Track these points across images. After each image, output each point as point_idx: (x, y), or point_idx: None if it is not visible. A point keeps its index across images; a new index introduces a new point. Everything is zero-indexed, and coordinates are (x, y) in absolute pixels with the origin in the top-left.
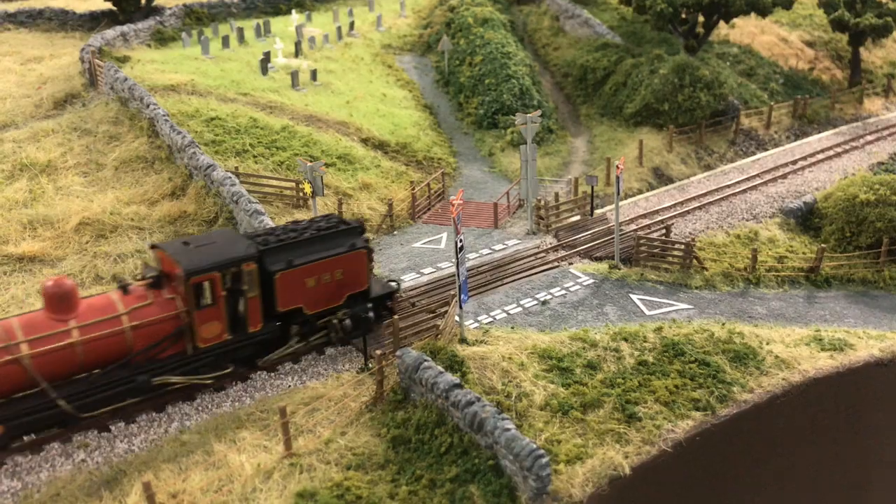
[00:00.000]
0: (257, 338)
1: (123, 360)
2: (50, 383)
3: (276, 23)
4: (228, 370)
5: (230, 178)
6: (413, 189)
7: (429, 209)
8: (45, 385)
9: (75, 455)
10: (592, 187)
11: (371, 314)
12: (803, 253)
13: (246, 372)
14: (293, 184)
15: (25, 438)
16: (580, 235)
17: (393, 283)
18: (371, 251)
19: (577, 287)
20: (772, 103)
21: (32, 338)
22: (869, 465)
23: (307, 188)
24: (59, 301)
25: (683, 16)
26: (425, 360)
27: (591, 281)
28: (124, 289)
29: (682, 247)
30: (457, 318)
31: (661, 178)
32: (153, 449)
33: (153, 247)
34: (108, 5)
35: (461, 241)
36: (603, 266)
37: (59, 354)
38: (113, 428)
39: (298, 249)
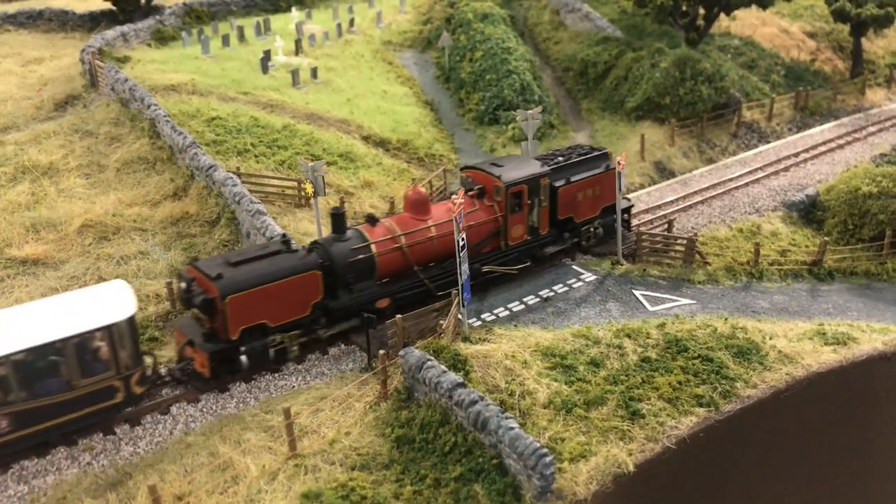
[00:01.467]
0: (544, 240)
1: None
2: (418, 267)
3: (277, 20)
4: (527, 263)
5: (232, 178)
6: (415, 186)
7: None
8: (417, 268)
9: (81, 458)
10: None
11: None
12: (806, 246)
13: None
14: (295, 183)
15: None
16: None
17: (628, 199)
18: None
19: (580, 283)
20: (773, 95)
21: (406, 232)
22: (874, 458)
23: (309, 188)
24: (419, 206)
25: (684, 8)
26: (428, 360)
27: (594, 277)
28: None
29: (685, 241)
30: (460, 316)
31: (663, 172)
32: (158, 451)
33: (467, 167)
34: (108, 5)
35: (463, 239)
36: (605, 262)
37: (423, 246)
38: (118, 431)
39: (571, 170)
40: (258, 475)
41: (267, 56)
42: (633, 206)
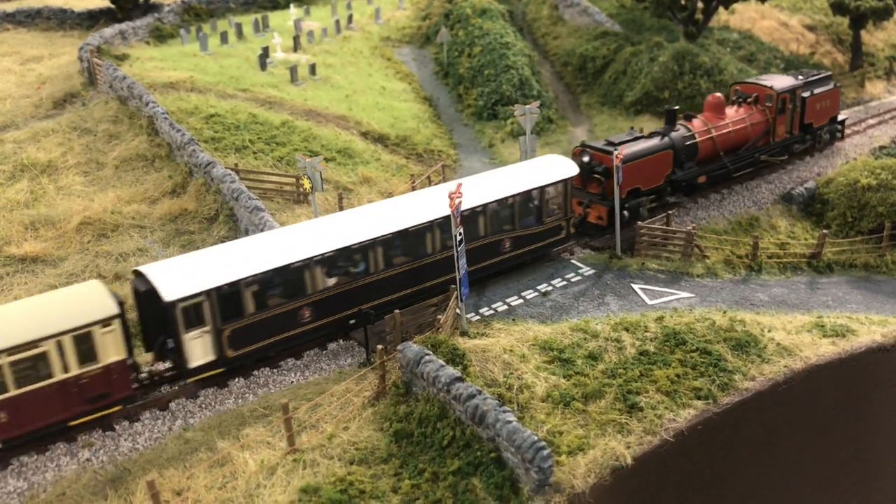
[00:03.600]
0: (795, 139)
1: (747, 144)
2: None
3: (275, 17)
4: (785, 157)
5: (230, 174)
6: (413, 182)
7: None
8: (721, 153)
9: (80, 454)
10: None
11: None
12: (805, 239)
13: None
14: (293, 179)
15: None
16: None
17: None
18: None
19: (578, 277)
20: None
21: (714, 125)
22: (873, 450)
23: (306, 184)
24: (717, 108)
25: (683, 2)
26: (426, 354)
27: (592, 271)
28: (738, 104)
29: (683, 235)
30: (458, 311)
31: None
32: (157, 447)
33: (738, 83)
34: (107, 3)
35: (461, 234)
36: (604, 256)
37: (723, 136)
38: (117, 427)
39: (812, 85)
40: (257, 470)
41: (265, 53)
42: (846, 118)
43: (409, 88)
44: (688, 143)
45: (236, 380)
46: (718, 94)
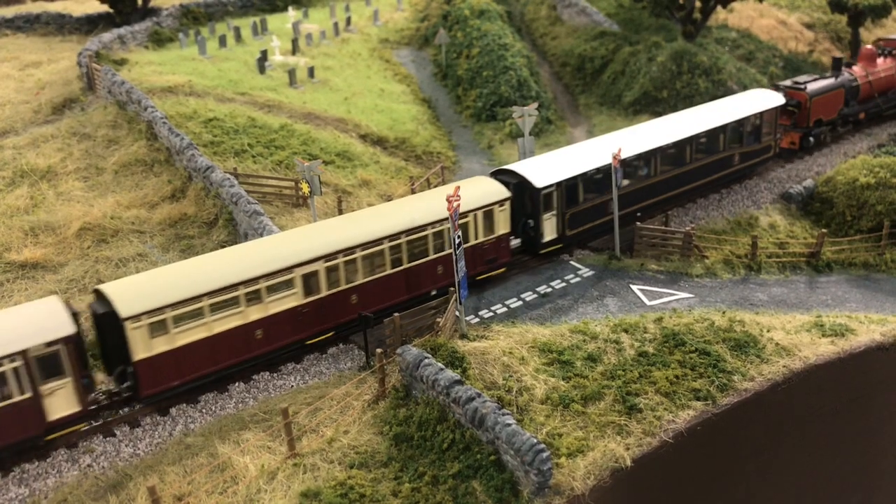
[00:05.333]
0: None
1: (894, 89)
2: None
3: (273, 20)
4: None
5: (229, 179)
6: (412, 184)
7: None
8: (875, 95)
9: (81, 460)
10: None
11: None
12: (804, 238)
13: None
14: (292, 183)
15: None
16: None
17: None
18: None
19: (577, 279)
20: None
21: (870, 71)
22: (872, 449)
23: (305, 188)
24: (870, 58)
25: (681, 1)
26: (426, 358)
27: (591, 272)
28: (884, 55)
29: (682, 235)
30: (457, 313)
31: None
32: (158, 452)
33: (881, 39)
34: (105, 8)
35: (459, 236)
36: (603, 257)
37: (878, 81)
38: (118, 433)
39: None
40: (257, 475)
41: (264, 56)
42: None
43: (407, 90)
44: (853, 84)
45: (236, 384)
46: (870, 46)
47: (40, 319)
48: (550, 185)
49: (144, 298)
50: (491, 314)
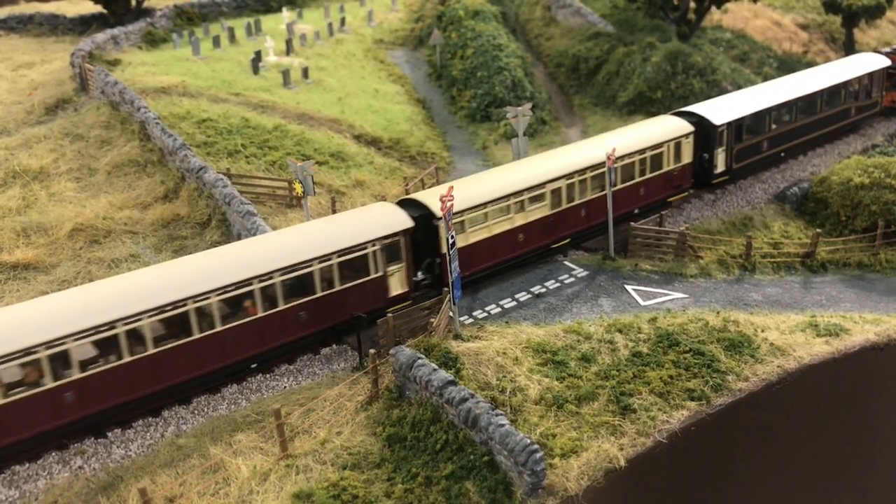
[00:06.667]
0: None
1: None
2: None
3: (267, 21)
4: None
5: (222, 179)
6: (407, 185)
7: None
8: None
9: (72, 462)
10: None
11: None
12: (799, 238)
13: None
14: (285, 183)
15: None
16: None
17: None
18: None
19: (572, 279)
20: None
21: None
22: (867, 449)
23: (298, 188)
24: None
25: (675, 2)
26: (419, 358)
27: (585, 273)
28: None
29: (676, 236)
30: (451, 314)
31: None
32: (150, 454)
33: None
34: (99, 9)
35: (453, 236)
36: (597, 257)
37: None
38: (109, 434)
39: None
40: (249, 476)
41: (258, 57)
42: None
43: (402, 91)
44: None
45: (229, 385)
46: None
47: (385, 217)
48: (724, 124)
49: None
50: (485, 314)
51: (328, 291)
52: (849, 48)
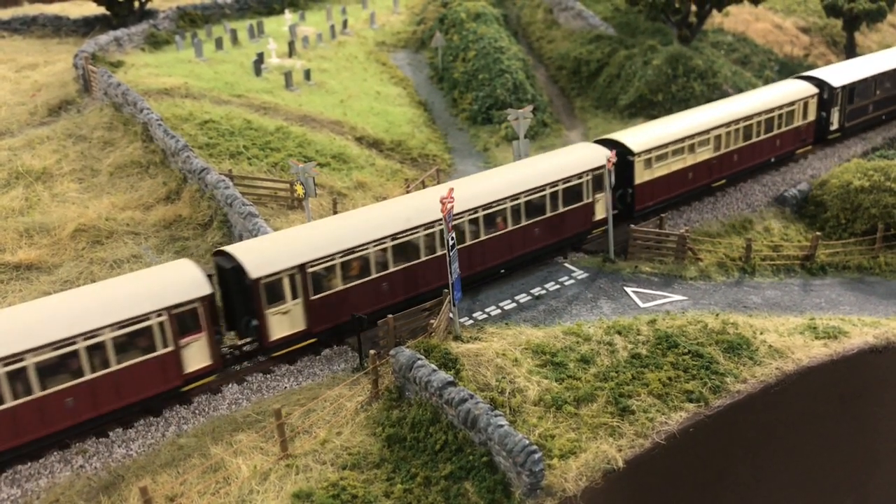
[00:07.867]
0: None
1: None
2: None
3: (270, 23)
4: None
5: (224, 181)
6: (408, 187)
7: None
8: None
9: (74, 461)
10: None
11: None
12: (798, 241)
13: None
14: (287, 185)
15: None
16: None
17: None
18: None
19: (571, 281)
20: None
21: None
22: (864, 451)
23: (299, 190)
24: None
25: (676, 5)
26: (419, 359)
27: (585, 275)
28: None
29: (676, 238)
30: (451, 315)
31: None
32: (151, 453)
33: None
34: (102, 10)
35: (453, 238)
36: (597, 259)
37: None
38: (111, 433)
39: None
40: (250, 476)
41: (260, 59)
42: None
43: (403, 93)
44: None
45: (230, 385)
46: None
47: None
48: (840, 87)
49: None
50: (485, 316)
51: (553, 213)
52: (850, 52)
